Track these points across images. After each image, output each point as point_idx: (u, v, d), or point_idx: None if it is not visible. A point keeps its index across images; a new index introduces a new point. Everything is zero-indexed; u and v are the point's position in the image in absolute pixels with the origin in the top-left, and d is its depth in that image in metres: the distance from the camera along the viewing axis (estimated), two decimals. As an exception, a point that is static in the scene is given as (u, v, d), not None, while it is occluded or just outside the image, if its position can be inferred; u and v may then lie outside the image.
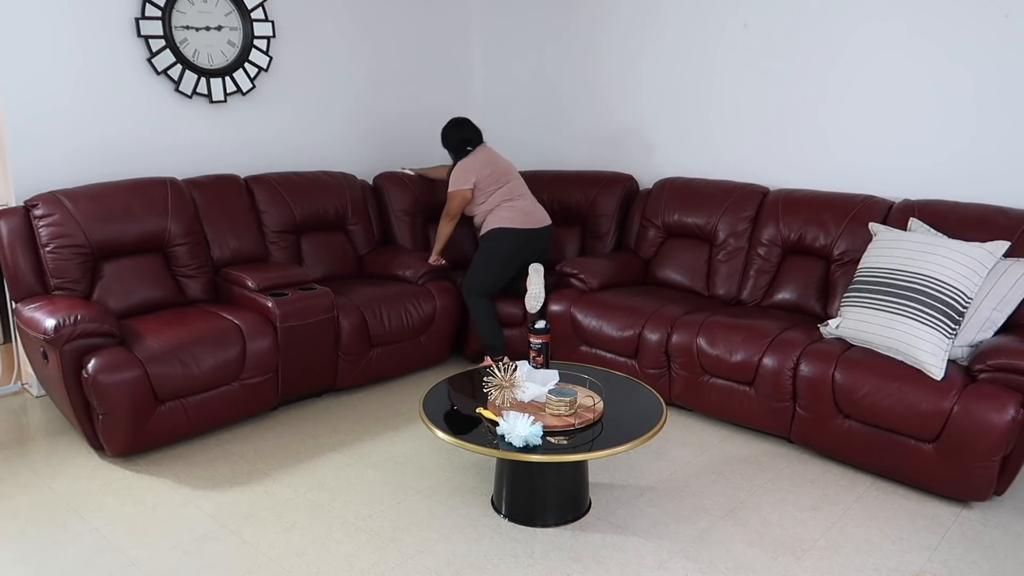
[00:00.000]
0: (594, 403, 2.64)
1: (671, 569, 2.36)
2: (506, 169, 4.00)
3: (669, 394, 3.48)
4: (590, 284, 3.87)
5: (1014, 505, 2.77)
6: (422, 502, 2.74)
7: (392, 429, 3.35)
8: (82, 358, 2.86)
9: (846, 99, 3.67)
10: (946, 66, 3.36)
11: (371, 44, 4.62)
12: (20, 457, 3.06)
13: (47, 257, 3.22)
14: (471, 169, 3.91)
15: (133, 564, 2.36)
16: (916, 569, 2.39)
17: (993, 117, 3.27)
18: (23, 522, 2.59)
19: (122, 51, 3.63)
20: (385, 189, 4.44)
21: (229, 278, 3.58)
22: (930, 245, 2.92)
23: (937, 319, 2.78)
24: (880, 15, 3.50)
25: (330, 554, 2.42)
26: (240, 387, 3.22)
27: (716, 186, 4.00)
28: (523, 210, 3.92)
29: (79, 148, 3.58)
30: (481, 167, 3.92)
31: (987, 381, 2.66)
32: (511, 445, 2.37)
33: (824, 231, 3.53)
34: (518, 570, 2.35)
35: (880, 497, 2.80)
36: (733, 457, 3.11)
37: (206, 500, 2.74)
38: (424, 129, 4.99)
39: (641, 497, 2.78)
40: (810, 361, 2.98)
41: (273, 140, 4.28)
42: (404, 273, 4.02)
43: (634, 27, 4.39)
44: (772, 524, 2.62)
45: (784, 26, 3.82)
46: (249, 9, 3.98)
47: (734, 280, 3.82)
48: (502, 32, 5.03)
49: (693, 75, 4.20)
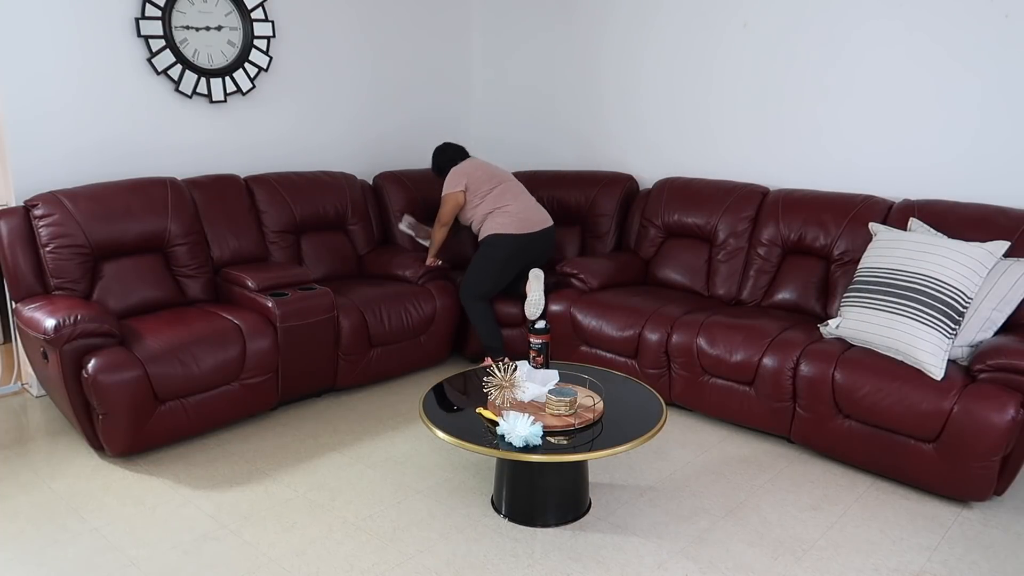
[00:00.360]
0: (594, 403, 2.64)
1: (671, 569, 2.36)
2: (498, 172, 4.00)
3: (669, 394, 3.48)
4: (590, 284, 3.87)
5: (1014, 505, 2.77)
6: (422, 502, 2.74)
7: (392, 429, 3.35)
8: (82, 358, 2.86)
9: (846, 99, 3.67)
10: (946, 66, 3.36)
11: (371, 44, 4.62)
12: (20, 457, 3.06)
13: (47, 257, 3.22)
14: (461, 172, 3.94)
15: (133, 564, 2.36)
16: (916, 569, 2.39)
17: (993, 117, 3.27)
18: (23, 522, 2.59)
19: (122, 51, 3.63)
20: (385, 189, 4.44)
21: (229, 278, 3.58)
22: (930, 245, 2.92)
23: (937, 319, 2.78)
24: (880, 14, 3.50)
25: (330, 554, 2.42)
26: (240, 387, 3.22)
27: (716, 186, 4.00)
28: (520, 214, 3.87)
29: (79, 148, 3.58)
30: (472, 169, 3.96)
31: (987, 381, 2.66)
32: (511, 445, 2.37)
33: (824, 231, 3.54)
34: (518, 570, 2.35)
35: (880, 497, 2.80)
36: (733, 457, 3.11)
37: (206, 500, 2.74)
38: (423, 129, 5.00)
39: (641, 497, 2.78)
40: (810, 361, 2.98)
41: (273, 140, 4.28)
42: (404, 273, 4.02)
43: (634, 27, 4.39)
44: (772, 524, 2.62)
45: (784, 26, 3.82)
46: (249, 9, 3.98)
47: (734, 280, 3.82)
48: (502, 32, 5.02)
49: (693, 75, 4.20)
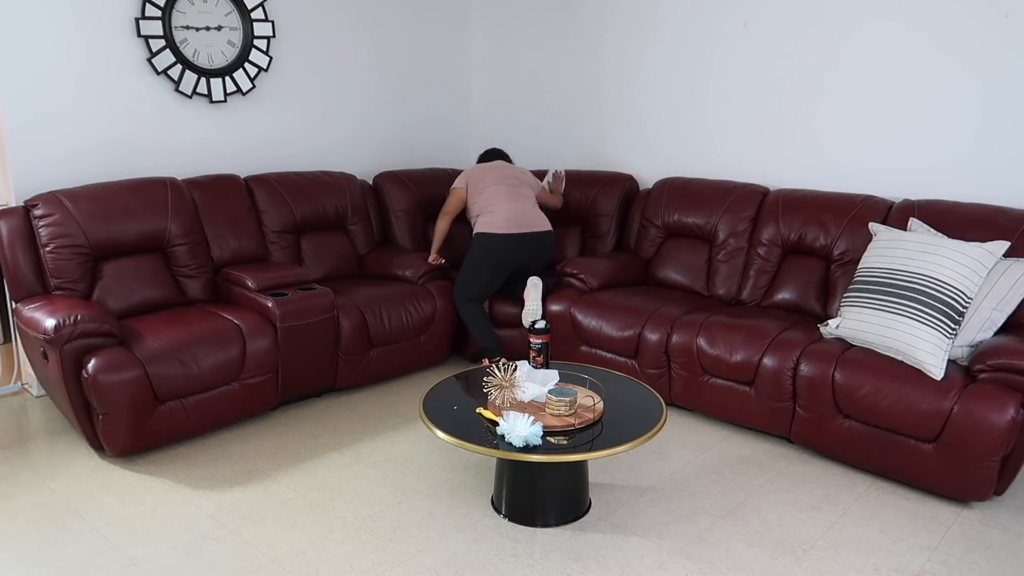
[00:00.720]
0: (594, 403, 2.64)
1: (671, 569, 2.36)
2: (502, 176, 4.01)
3: (669, 394, 3.48)
4: (590, 284, 3.87)
5: (1014, 505, 2.77)
6: (422, 502, 2.74)
7: (392, 429, 3.35)
8: (82, 358, 2.86)
9: (846, 98, 3.67)
10: (946, 66, 3.36)
11: (371, 44, 4.62)
12: (20, 457, 3.06)
13: (47, 257, 3.22)
14: (466, 173, 4.09)
15: (133, 564, 2.36)
16: (916, 569, 2.39)
17: (993, 117, 3.27)
18: (23, 522, 2.59)
19: (122, 51, 3.63)
20: (385, 189, 4.44)
21: (229, 278, 3.58)
22: (930, 245, 2.92)
23: (937, 319, 2.78)
24: (880, 13, 3.50)
25: (330, 554, 2.42)
26: (240, 387, 3.23)
27: (716, 186, 4.00)
28: (507, 215, 3.85)
29: (79, 148, 3.58)
30: (477, 171, 4.05)
31: (987, 381, 2.66)
32: (511, 445, 2.37)
33: (824, 231, 3.54)
34: (518, 570, 2.35)
35: (880, 497, 2.81)
36: (733, 457, 3.11)
37: (206, 500, 2.74)
38: (424, 129, 5.00)
39: (641, 497, 2.78)
40: (810, 361, 2.98)
41: (273, 140, 4.28)
42: (404, 273, 4.02)
43: (633, 27, 4.39)
44: (772, 524, 2.62)
45: (784, 26, 3.82)
46: (249, 9, 3.98)
47: (734, 280, 3.82)
48: (502, 33, 5.02)
49: (692, 75, 4.20)
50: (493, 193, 3.93)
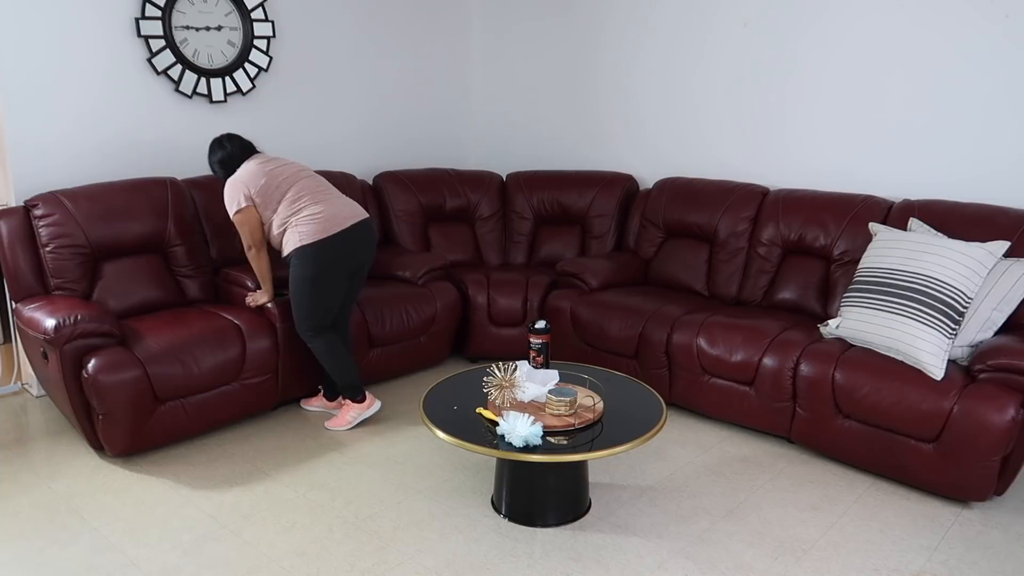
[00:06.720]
0: (594, 403, 2.64)
1: (671, 569, 2.36)
2: (287, 173, 3.22)
3: (669, 394, 3.48)
4: (590, 284, 3.87)
5: (1014, 505, 2.77)
6: (422, 502, 2.74)
7: (392, 429, 3.34)
8: (82, 358, 2.86)
9: (846, 98, 3.67)
10: (946, 65, 3.35)
11: (371, 44, 4.62)
12: (20, 457, 3.06)
13: (47, 257, 3.22)
14: (239, 183, 3.17)
15: (133, 564, 2.36)
16: (916, 569, 2.39)
17: (993, 118, 3.26)
18: (23, 522, 2.59)
19: (122, 51, 3.63)
20: (385, 189, 4.44)
21: (229, 278, 3.58)
22: (930, 245, 2.92)
23: (937, 319, 2.78)
24: (880, 12, 3.50)
25: (330, 554, 2.42)
26: (240, 387, 3.22)
27: (716, 186, 4.00)
28: (323, 215, 3.14)
29: (79, 148, 3.58)
30: (250, 178, 3.16)
31: (987, 381, 2.66)
32: (511, 445, 2.37)
33: (824, 231, 3.53)
34: (518, 570, 2.35)
35: (880, 497, 2.80)
36: (733, 457, 3.11)
37: (206, 500, 2.74)
38: (424, 129, 5.00)
39: (641, 497, 2.78)
40: (810, 361, 2.98)
41: (273, 140, 4.27)
42: (404, 274, 4.01)
43: (632, 26, 4.39)
44: (772, 524, 2.62)
45: (783, 25, 3.82)
46: (249, 9, 3.97)
47: (734, 280, 3.82)
48: (501, 33, 5.02)
49: (692, 74, 4.20)
50: (296, 195, 3.17)
